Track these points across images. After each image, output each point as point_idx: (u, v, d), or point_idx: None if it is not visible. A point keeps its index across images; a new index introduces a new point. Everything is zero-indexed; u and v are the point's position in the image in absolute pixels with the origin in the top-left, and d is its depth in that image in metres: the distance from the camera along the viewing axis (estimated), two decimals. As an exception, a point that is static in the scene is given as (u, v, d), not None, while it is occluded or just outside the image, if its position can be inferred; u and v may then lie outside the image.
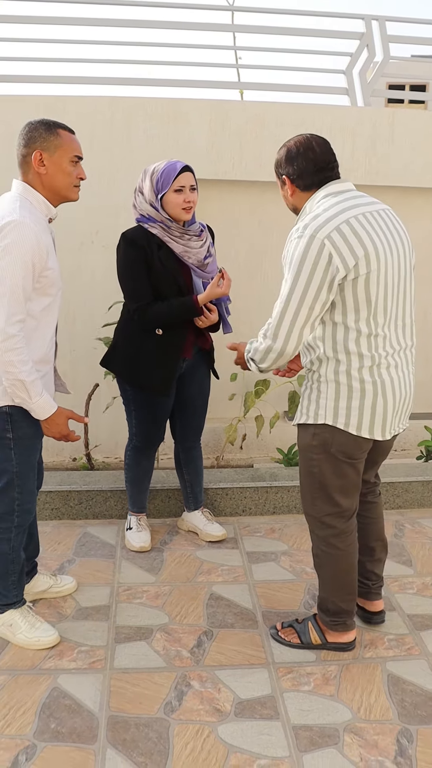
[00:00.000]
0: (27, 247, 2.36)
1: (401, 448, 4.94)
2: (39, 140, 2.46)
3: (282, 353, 2.38)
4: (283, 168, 2.46)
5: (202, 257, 3.16)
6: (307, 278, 2.27)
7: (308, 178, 2.42)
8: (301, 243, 2.28)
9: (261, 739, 2.29)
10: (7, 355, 2.37)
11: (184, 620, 2.94)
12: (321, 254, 2.25)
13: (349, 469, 2.52)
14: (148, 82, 4.53)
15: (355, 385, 2.40)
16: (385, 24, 4.63)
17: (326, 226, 2.27)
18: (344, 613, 2.68)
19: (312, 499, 2.60)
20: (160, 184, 3.02)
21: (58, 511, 3.82)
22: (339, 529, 2.60)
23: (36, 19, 4.40)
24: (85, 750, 2.23)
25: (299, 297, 2.29)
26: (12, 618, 2.75)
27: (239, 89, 4.87)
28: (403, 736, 2.31)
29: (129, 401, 3.36)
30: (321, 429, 2.47)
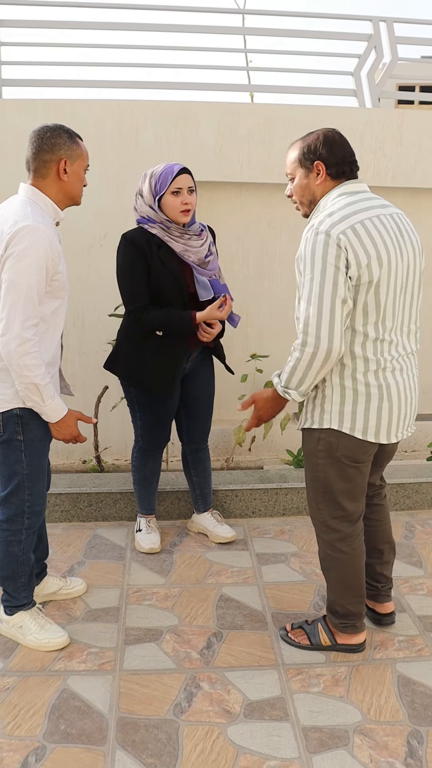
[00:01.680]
0: (41, 251, 2.37)
1: (411, 450, 4.93)
2: (64, 148, 2.49)
3: (330, 353, 2.27)
4: (317, 153, 2.39)
5: (203, 256, 3.17)
6: (333, 274, 2.23)
7: (340, 167, 2.40)
8: (318, 240, 2.25)
9: (270, 740, 2.29)
10: (23, 359, 2.38)
11: (193, 622, 2.94)
12: (337, 251, 2.23)
13: (354, 473, 2.51)
14: (156, 86, 4.54)
15: (361, 389, 2.39)
16: (393, 25, 4.62)
17: (341, 224, 2.26)
18: (353, 615, 2.67)
19: (317, 503, 2.59)
20: (157, 187, 3.04)
21: (68, 513, 3.83)
22: (345, 533, 2.59)
23: (46, 24, 4.42)
24: (94, 751, 2.23)
25: (331, 293, 2.23)
26: (22, 620, 2.76)
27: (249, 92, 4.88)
28: (413, 738, 2.30)
29: (133, 403, 3.37)
30: (326, 433, 2.46)
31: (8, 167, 4.10)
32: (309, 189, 2.45)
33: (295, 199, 2.51)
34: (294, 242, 4.63)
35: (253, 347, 4.64)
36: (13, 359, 2.38)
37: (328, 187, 2.43)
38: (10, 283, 2.36)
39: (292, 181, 2.51)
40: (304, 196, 2.48)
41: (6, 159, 4.14)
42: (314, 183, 2.44)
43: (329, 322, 2.24)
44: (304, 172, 2.44)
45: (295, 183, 2.48)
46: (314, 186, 2.44)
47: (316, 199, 2.46)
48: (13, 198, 2.55)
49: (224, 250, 4.46)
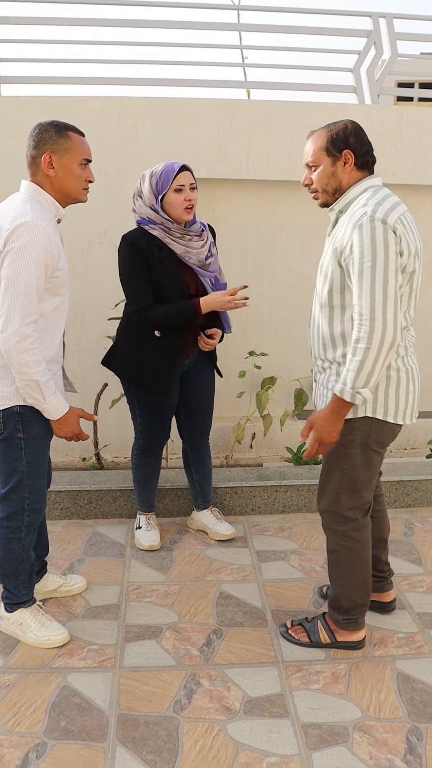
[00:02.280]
0: (40, 248, 2.37)
1: (411, 447, 4.93)
2: (49, 142, 2.46)
3: (395, 339, 2.27)
4: (346, 142, 2.40)
5: (204, 257, 3.16)
6: (394, 261, 2.24)
7: (365, 158, 2.43)
8: (376, 227, 2.24)
9: (270, 737, 2.29)
10: (22, 356, 2.38)
11: (193, 619, 2.94)
12: (392, 238, 2.24)
13: (378, 460, 2.56)
14: (155, 82, 4.54)
15: (392, 375, 2.43)
16: (392, 21, 4.62)
17: (392, 213, 2.28)
18: (358, 609, 2.68)
19: (336, 495, 2.58)
20: (159, 185, 3.03)
21: (68, 510, 3.83)
22: (360, 522, 2.61)
23: (44, 21, 4.41)
24: (94, 748, 2.24)
25: (393, 280, 2.24)
26: (22, 617, 2.76)
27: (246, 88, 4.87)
28: (412, 734, 2.30)
29: (133, 400, 3.37)
30: (360, 422, 2.46)
31: (8, 165, 4.10)
32: (335, 177, 2.45)
33: (316, 187, 2.50)
34: (293, 239, 4.63)
35: (251, 344, 4.64)
36: (12, 356, 2.38)
37: (354, 177, 2.44)
38: (9, 280, 2.36)
39: (311, 169, 2.50)
40: (329, 185, 2.47)
41: (5, 156, 4.14)
42: (341, 171, 2.44)
43: (393, 309, 2.24)
44: (332, 160, 2.43)
45: (319, 171, 2.46)
46: (341, 174, 2.44)
47: (341, 188, 2.46)
48: (14, 195, 2.55)
49: (223, 247, 4.46)
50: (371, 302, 2.23)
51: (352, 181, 2.45)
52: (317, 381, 2.63)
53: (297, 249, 4.66)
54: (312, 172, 2.49)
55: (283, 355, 4.73)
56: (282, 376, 4.64)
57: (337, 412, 2.37)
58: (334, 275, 2.39)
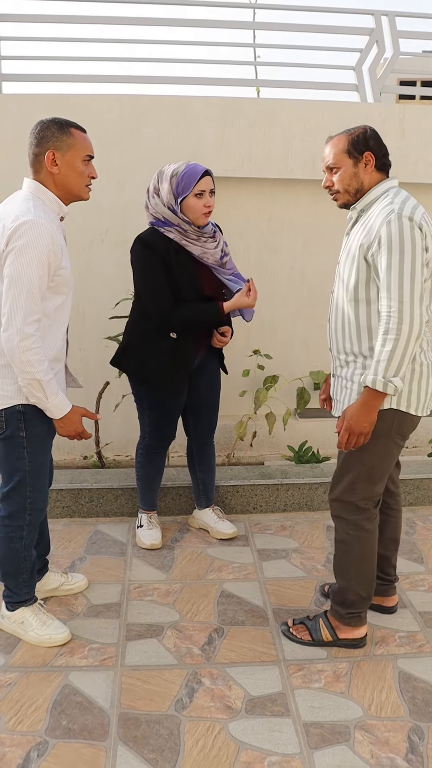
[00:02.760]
0: (43, 246, 2.36)
1: (412, 446, 4.92)
2: (51, 139, 2.45)
3: (421, 329, 2.35)
4: (367, 144, 2.50)
5: (219, 257, 3.16)
6: (421, 256, 2.32)
7: (383, 160, 2.54)
8: (404, 224, 2.32)
9: (272, 736, 2.29)
10: (25, 355, 2.37)
11: (195, 617, 2.94)
12: (419, 235, 2.32)
13: (396, 451, 2.61)
14: (158, 80, 4.53)
15: (417, 368, 2.48)
16: (395, 19, 4.60)
17: (417, 211, 2.37)
18: (362, 602, 2.69)
19: (352, 485, 2.61)
20: (180, 188, 2.98)
21: (69, 509, 3.83)
22: (371, 512, 2.65)
23: (47, 18, 4.40)
24: (96, 747, 2.24)
25: (420, 274, 2.32)
26: (23, 616, 2.76)
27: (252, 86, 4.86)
28: (414, 734, 2.30)
29: (142, 400, 3.36)
30: (385, 414, 2.50)
31: (8, 163, 4.10)
32: (357, 178, 2.54)
33: (338, 188, 2.57)
34: (294, 237, 4.63)
35: (254, 342, 4.64)
36: (15, 355, 2.37)
37: (374, 178, 2.54)
38: (11, 279, 2.36)
39: (332, 172, 2.57)
40: (351, 185, 2.55)
41: (6, 154, 4.14)
42: (363, 172, 2.53)
43: (419, 301, 2.33)
44: (353, 162, 2.52)
45: (341, 172, 2.54)
46: (363, 175, 2.53)
47: (362, 189, 2.55)
48: (16, 193, 2.54)
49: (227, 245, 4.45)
50: (399, 295, 2.31)
51: (373, 182, 2.54)
52: (338, 375, 2.67)
53: (298, 247, 4.65)
54: (333, 175, 2.57)
55: (285, 354, 4.73)
56: (283, 374, 4.63)
57: (368, 404, 2.42)
58: (360, 270, 2.45)
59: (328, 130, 4.35)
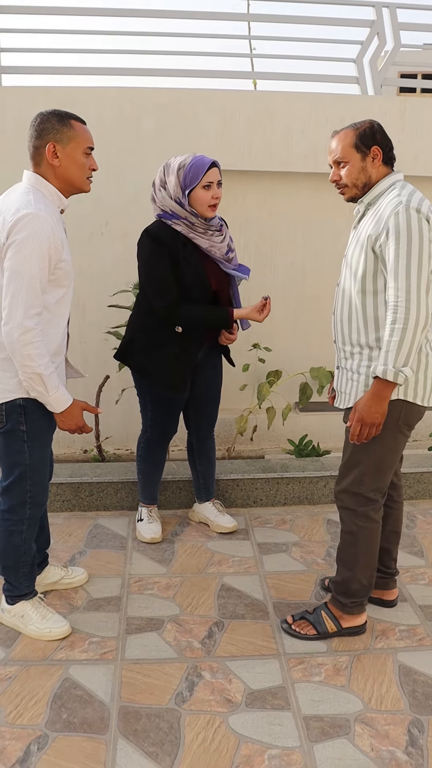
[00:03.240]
0: (43, 239, 2.35)
1: (412, 439, 4.92)
2: (52, 132, 2.44)
3: (428, 318, 2.37)
4: (374, 139, 2.52)
5: (225, 251, 3.14)
6: (428, 247, 2.33)
7: (390, 154, 2.56)
8: (412, 216, 2.34)
9: (272, 729, 2.29)
10: (25, 349, 2.36)
11: (195, 611, 2.94)
12: (425, 226, 2.34)
13: (403, 441, 2.63)
14: (158, 73, 4.51)
15: (422, 359, 2.50)
16: (396, 11, 4.58)
17: (424, 204, 2.38)
18: (364, 590, 2.72)
19: (361, 476, 2.62)
20: (188, 180, 2.96)
21: (69, 502, 3.83)
22: (379, 504, 2.67)
23: (46, 10, 4.39)
24: (96, 740, 2.24)
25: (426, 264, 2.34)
26: (23, 609, 2.76)
27: (250, 79, 4.84)
28: (414, 727, 2.30)
29: (144, 394, 3.35)
30: (393, 405, 2.51)
31: (8, 155, 4.09)
32: (365, 172, 2.55)
33: (346, 182, 2.58)
34: (295, 230, 4.61)
35: (254, 336, 4.63)
36: (16, 349, 2.36)
37: (381, 171, 2.56)
38: (12, 272, 2.34)
39: (339, 166, 2.58)
40: (359, 179, 2.56)
41: (6, 147, 4.12)
42: (371, 166, 2.54)
43: (426, 291, 2.35)
44: (361, 156, 2.54)
45: (349, 166, 2.55)
46: (370, 169, 2.55)
47: (371, 182, 2.56)
48: (16, 185, 2.52)
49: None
50: (407, 285, 2.32)
51: (380, 175, 2.56)
52: (343, 367, 2.67)
53: (299, 241, 4.64)
54: (340, 169, 2.58)
55: (285, 348, 4.72)
56: (284, 368, 4.63)
57: (379, 395, 2.43)
58: (368, 261, 2.47)
59: (329, 122, 4.34)
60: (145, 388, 3.33)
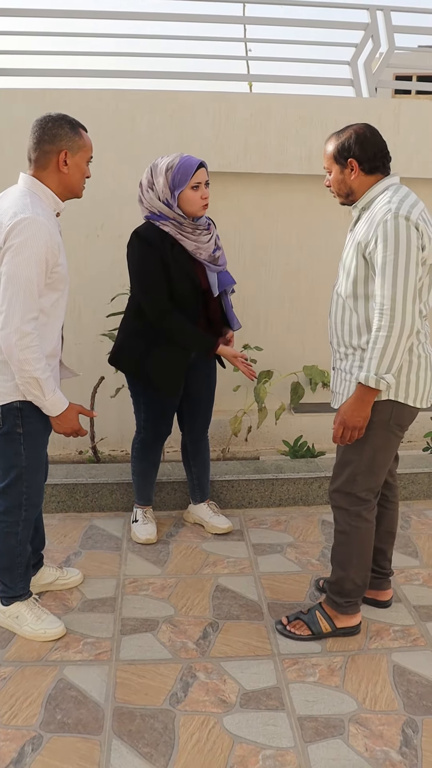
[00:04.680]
0: (41, 243, 2.35)
1: (407, 440, 4.93)
2: (65, 139, 2.44)
3: (412, 327, 2.37)
4: (350, 151, 2.51)
5: (212, 251, 3.15)
6: (415, 255, 2.34)
7: (372, 163, 2.53)
8: (400, 224, 2.33)
9: (266, 729, 2.30)
10: (23, 353, 2.36)
11: (189, 612, 2.95)
12: (414, 234, 2.34)
13: (396, 442, 2.63)
14: (153, 75, 4.52)
15: (414, 360, 2.50)
16: (390, 14, 4.60)
17: (414, 209, 2.38)
18: (358, 590, 2.72)
19: (353, 476, 2.63)
20: (176, 181, 2.96)
21: (64, 503, 3.83)
22: (372, 503, 2.68)
23: (41, 13, 4.39)
24: (90, 740, 2.24)
25: (413, 273, 2.34)
26: (18, 610, 2.76)
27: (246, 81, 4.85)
28: (408, 727, 2.31)
29: (138, 395, 3.36)
30: (383, 405, 2.52)
31: (4, 157, 4.09)
32: (345, 183, 2.58)
33: (333, 190, 2.63)
34: (290, 232, 4.62)
35: (248, 337, 4.63)
36: (13, 353, 2.36)
37: (364, 181, 2.55)
38: (9, 276, 2.34)
39: (329, 173, 2.62)
40: (341, 189, 2.60)
41: (1, 149, 4.12)
42: (349, 178, 2.55)
43: (411, 299, 2.35)
44: (339, 168, 2.56)
45: (332, 176, 2.60)
46: (350, 181, 2.56)
47: (353, 192, 2.58)
48: (11, 188, 2.52)
49: (221, 239, 4.45)
50: (392, 293, 2.33)
51: (363, 185, 2.55)
52: (338, 368, 2.69)
53: (293, 242, 4.65)
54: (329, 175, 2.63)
55: (279, 349, 4.73)
56: (277, 369, 4.63)
57: (362, 399, 2.46)
58: (359, 267, 2.48)
59: (324, 125, 4.35)
60: (139, 389, 3.33)
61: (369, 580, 2.77)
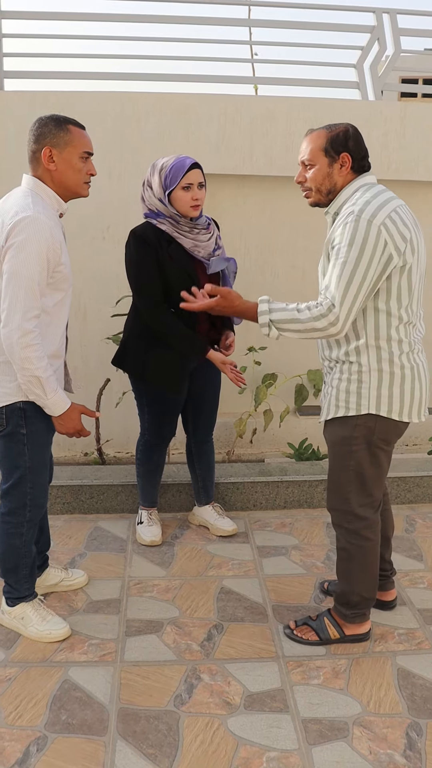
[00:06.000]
0: (41, 242, 2.36)
1: (412, 443, 4.93)
2: (49, 136, 2.45)
3: (338, 334, 2.36)
4: (345, 145, 2.44)
5: (211, 250, 3.16)
6: (368, 262, 2.28)
7: (361, 162, 2.48)
8: (359, 227, 2.28)
9: (270, 731, 2.30)
10: (24, 352, 2.37)
11: (194, 614, 2.95)
12: (378, 240, 2.28)
13: (384, 457, 2.56)
14: (159, 78, 4.53)
15: (397, 372, 2.44)
16: (396, 17, 4.60)
17: (380, 213, 2.30)
18: (366, 602, 2.70)
19: (346, 493, 2.59)
20: (168, 181, 3.00)
21: (70, 505, 3.84)
22: (371, 520, 2.62)
23: (48, 15, 4.41)
24: (95, 741, 2.25)
25: (361, 279, 2.29)
26: (23, 611, 2.77)
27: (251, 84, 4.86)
28: (412, 730, 2.31)
29: (142, 396, 3.36)
30: (364, 419, 2.48)
31: (10, 159, 4.10)
32: (331, 178, 2.48)
33: (310, 185, 2.51)
34: (295, 235, 4.63)
35: (253, 339, 4.64)
36: (14, 351, 2.37)
37: (348, 179, 2.48)
38: (10, 275, 2.36)
39: (306, 167, 2.51)
40: (324, 185, 2.49)
41: (7, 151, 4.14)
42: (337, 173, 2.47)
43: (350, 307, 2.31)
44: (329, 161, 2.46)
45: (315, 170, 2.48)
46: (337, 176, 2.47)
47: (335, 189, 2.49)
48: (15, 189, 2.54)
49: (225, 242, 4.45)
50: (340, 295, 2.30)
51: (346, 182, 2.48)
52: (325, 382, 2.65)
53: (299, 245, 4.66)
54: (307, 170, 2.51)
55: (284, 351, 4.73)
56: (283, 372, 4.64)
57: (243, 312, 2.50)
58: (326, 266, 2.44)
59: (330, 127, 4.35)
60: (142, 390, 3.34)
61: (376, 593, 2.73)
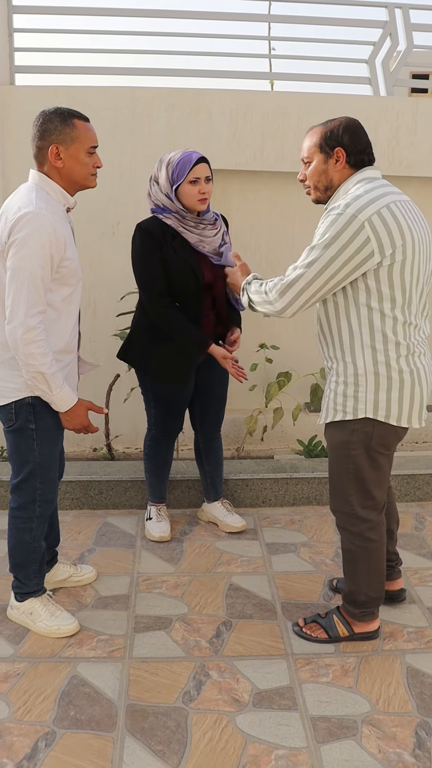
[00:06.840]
0: (44, 238, 2.35)
1: (422, 441, 4.91)
2: (54, 133, 2.44)
3: (279, 314, 2.40)
4: (338, 140, 2.40)
5: (217, 245, 3.15)
6: (335, 252, 2.25)
7: (359, 156, 2.43)
8: (340, 219, 2.26)
9: (279, 729, 2.29)
10: (28, 348, 2.37)
11: (203, 610, 2.94)
12: (358, 235, 2.24)
13: (384, 460, 2.53)
14: (171, 73, 4.51)
15: (395, 376, 2.40)
16: (408, 12, 4.57)
17: (368, 208, 2.26)
18: (374, 601, 2.68)
19: (347, 496, 2.57)
20: (175, 175, 3.00)
21: (79, 500, 3.84)
22: (375, 521, 2.59)
23: (60, 10, 4.40)
24: (103, 737, 2.25)
25: (320, 268, 2.28)
26: (32, 606, 2.77)
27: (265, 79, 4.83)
28: (421, 729, 2.30)
29: (147, 392, 3.36)
30: (361, 423, 2.45)
31: (21, 154, 4.10)
32: (327, 174, 2.45)
33: (309, 183, 2.51)
34: (307, 231, 4.60)
35: (264, 336, 4.62)
36: (18, 347, 2.37)
37: (345, 174, 2.44)
38: (13, 271, 2.35)
39: (306, 165, 2.50)
40: (321, 182, 2.48)
41: (19, 146, 4.14)
42: (333, 169, 2.44)
43: (299, 290, 2.34)
44: (324, 158, 2.44)
45: (312, 167, 2.47)
46: (332, 172, 2.44)
47: (333, 185, 2.47)
48: (23, 185, 2.53)
49: (236, 238, 4.44)
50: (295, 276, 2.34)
51: (344, 178, 2.45)
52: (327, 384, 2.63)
53: (309, 241, 4.61)
54: (306, 168, 2.50)
55: (296, 349, 4.71)
56: (295, 369, 4.62)
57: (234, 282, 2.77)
58: None
59: (341, 123, 4.33)
60: (147, 385, 3.34)
61: (383, 591, 2.71)
